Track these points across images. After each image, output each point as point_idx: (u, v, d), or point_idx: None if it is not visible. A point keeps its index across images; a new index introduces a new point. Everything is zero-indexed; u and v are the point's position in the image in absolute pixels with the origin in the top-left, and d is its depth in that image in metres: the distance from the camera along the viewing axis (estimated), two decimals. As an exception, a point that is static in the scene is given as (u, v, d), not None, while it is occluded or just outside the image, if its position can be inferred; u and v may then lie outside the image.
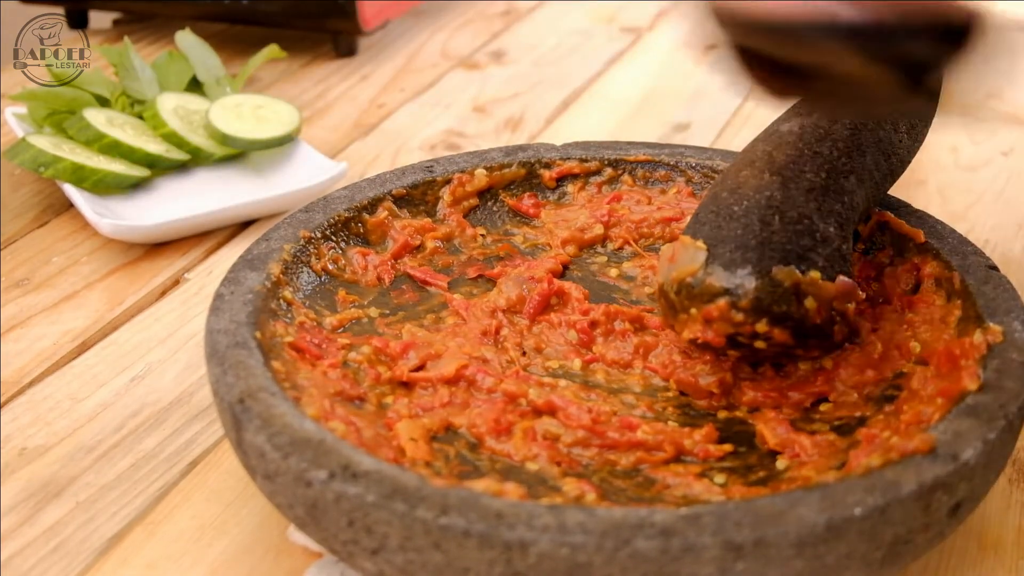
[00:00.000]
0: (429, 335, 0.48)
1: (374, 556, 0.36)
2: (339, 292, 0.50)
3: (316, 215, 0.52)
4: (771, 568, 0.33)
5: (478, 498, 0.34)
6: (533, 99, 0.85)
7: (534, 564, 0.33)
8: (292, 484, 0.37)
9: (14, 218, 0.68)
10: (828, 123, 0.49)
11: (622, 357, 0.47)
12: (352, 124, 0.82)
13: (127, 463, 0.47)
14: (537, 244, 0.55)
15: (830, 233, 0.45)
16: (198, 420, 0.50)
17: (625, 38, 0.98)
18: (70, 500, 0.45)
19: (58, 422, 0.50)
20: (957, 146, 0.76)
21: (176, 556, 0.42)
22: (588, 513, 0.34)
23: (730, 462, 0.41)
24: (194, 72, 0.77)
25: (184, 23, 0.90)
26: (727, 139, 0.77)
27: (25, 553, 0.43)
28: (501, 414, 0.43)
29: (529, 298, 0.50)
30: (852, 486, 0.35)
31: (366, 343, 0.47)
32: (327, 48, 0.95)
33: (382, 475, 0.35)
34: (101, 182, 0.66)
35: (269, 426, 0.38)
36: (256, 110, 0.73)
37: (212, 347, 0.42)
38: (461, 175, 0.56)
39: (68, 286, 0.61)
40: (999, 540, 0.43)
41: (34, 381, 0.53)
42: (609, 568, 0.33)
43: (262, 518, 0.44)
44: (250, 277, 0.46)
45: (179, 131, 0.70)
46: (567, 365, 0.47)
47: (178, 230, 0.64)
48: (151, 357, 0.55)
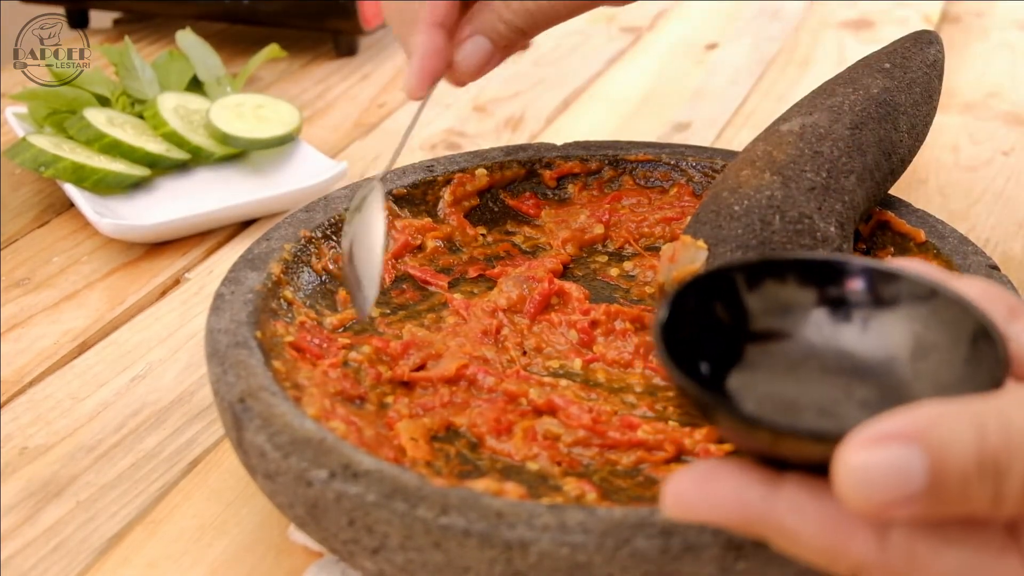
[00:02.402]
0: (429, 335, 0.48)
1: (374, 555, 0.36)
2: (340, 291, 0.50)
3: (316, 214, 0.52)
4: (771, 567, 0.33)
5: (478, 498, 0.34)
6: (533, 98, 0.85)
7: (535, 563, 0.33)
8: (293, 483, 0.37)
9: (14, 218, 0.68)
10: (828, 123, 0.49)
11: (623, 357, 0.47)
12: (352, 124, 0.82)
13: (128, 462, 0.47)
14: (537, 244, 0.55)
15: (831, 232, 0.45)
16: (199, 420, 0.50)
17: (625, 38, 0.98)
18: (70, 499, 0.45)
19: (58, 421, 0.50)
20: (958, 145, 0.76)
21: (177, 555, 0.42)
22: (588, 512, 0.34)
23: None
24: (194, 72, 0.77)
25: (185, 23, 0.90)
26: (727, 139, 0.77)
27: (25, 552, 0.43)
28: (502, 414, 0.43)
29: (530, 298, 0.50)
30: (853, 485, 0.35)
31: (366, 343, 0.47)
32: (327, 48, 0.95)
33: (382, 475, 0.35)
34: (101, 182, 0.66)
35: (269, 425, 0.38)
36: (256, 110, 0.73)
37: (213, 347, 0.42)
38: (461, 175, 0.56)
39: (68, 285, 0.61)
40: (999, 539, 0.43)
41: (34, 380, 0.53)
42: (609, 567, 0.33)
43: (262, 517, 0.44)
44: (250, 277, 0.46)
45: (179, 131, 0.70)
46: (568, 365, 0.47)
47: (178, 230, 0.64)
48: (151, 357, 0.55)
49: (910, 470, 0.25)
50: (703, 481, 0.28)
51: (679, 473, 0.29)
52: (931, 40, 0.55)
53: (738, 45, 0.95)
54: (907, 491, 0.25)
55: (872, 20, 1.00)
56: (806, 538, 0.27)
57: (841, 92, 0.51)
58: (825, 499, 0.27)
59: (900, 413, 0.26)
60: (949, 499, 0.25)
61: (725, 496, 0.28)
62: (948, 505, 0.26)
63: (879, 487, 0.25)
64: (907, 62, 0.53)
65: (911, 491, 0.25)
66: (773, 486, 0.28)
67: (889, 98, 0.51)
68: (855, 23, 0.99)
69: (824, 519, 0.27)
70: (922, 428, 0.25)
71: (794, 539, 0.28)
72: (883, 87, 0.51)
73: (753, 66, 0.90)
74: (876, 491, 0.25)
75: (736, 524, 0.28)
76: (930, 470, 0.25)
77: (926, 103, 0.53)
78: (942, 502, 0.25)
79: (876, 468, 0.25)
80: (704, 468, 0.29)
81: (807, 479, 0.28)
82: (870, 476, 0.25)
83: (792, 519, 0.27)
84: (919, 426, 0.25)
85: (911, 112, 0.52)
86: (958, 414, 0.25)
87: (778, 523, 0.28)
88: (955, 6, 1.03)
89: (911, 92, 0.52)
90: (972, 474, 0.25)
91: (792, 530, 0.28)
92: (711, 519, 0.28)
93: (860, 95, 0.51)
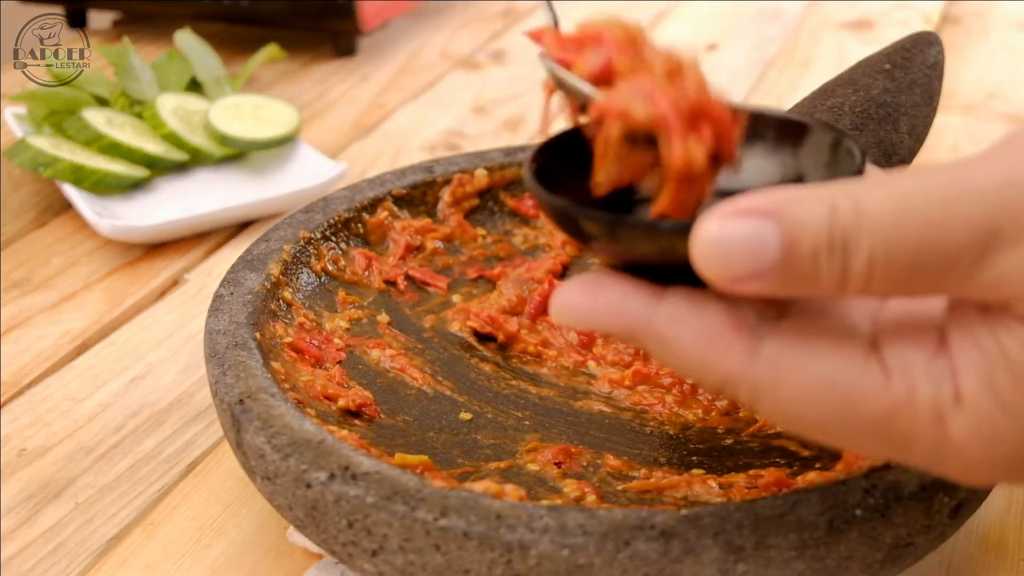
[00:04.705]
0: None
1: (374, 557, 0.35)
2: (339, 293, 0.50)
3: (316, 215, 0.52)
4: (772, 570, 0.33)
5: (478, 499, 0.34)
6: (533, 99, 0.85)
7: (534, 566, 0.33)
8: (292, 485, 0.37)
9: (14, 218, 0.68)
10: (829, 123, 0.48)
11: (622, 359, 0.47)
12: (352, 124, 0.82)
13: (126, 464, 0.47)
14: (537, 245, 0.55)
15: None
16: (197, 421, 0.50)
17: (625, 38, 0.98)
18: (69, 501, 0.45)
19: (57, 423, 0.50)
20: (958, 147, 0.76)
21: (175, 557, 0.42)
22: (588, 514, 0.34)
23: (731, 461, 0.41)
24: (194, 72, 0.77)
25: (184, 23, 0.90)
26: (727, 139, 0.77)
27: (24, 554, 0.43)
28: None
29: (529, 299, 0.50)
30: (853, 487, 0.34)
31: (366, 344, 0.47)
32: (327, 48, 0.95)
33: (382, 476, 0.35)
34: (100, 182, 0.66)
35: (269, 427, 0.38)
36: (256, 110, 0.73)
37: (212, 348, 0.42)
38: (461, 175, 0.56)
39: (67, 286, 0.61)
40: (1000, 541, 0.43)
41: (33, 382, 0.53)
42: (609, 570, 0.33)
43: (261, 519, 0.44)
44: (249, 278, 0.46)
45: (179, 131, 0.70)
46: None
47: (177, 230, 0.64)
48: (150, 358, 0.55)
49: (765, 243, 0.26)
50: (590, 290, 0.29)
51: (566, 283, 0.30)
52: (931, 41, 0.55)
53: (738, 46, 0.95)
54: (761, 263, 0.26)
55: (872, 21, 1.00)
56: (681, 348, 0.28)
57: (841, 93, 0.51)
58: (703, 312, 0.28)
59: (758, 193, 0.27)
60: (800, 274, 0.26)
61: (610, 304, 0.29)
62: (798, 281, 0.26)
63: (734, 258, 0.26)
64: (907, 63, 0.53)
65: (765, 264, 0.26)
66: (656, 297, 0.29)
67: (889, 99, 0.51)
68: (855, 24, 0.99)
69: (700, 330, 0.28)
70: (778, 205, 0.26)
71: (670, 348, 0.28)
72: (883, 88, 0.51)
73: (753, 67, 0.90)
74: (731, 262, 0.26)
75: (618, 331, 0.29)
76: (783, 244, 0.26)
77: (927, 104, 0.53)
78: (793, 277, 0.26)
79: (732, 239, 0.26)
80: (591, 278, 0.29)
81: (689, 292, 0.28)
82: (726, 247, 0.26)
83: (670, 328, 0.28)
84: (775, 203, 0.26)
85: (911, 113, 0.52)
86: (812, 194, 0.26)
87: (657, 332, 0.28)
88: (955, 7, 1.03)
89: (911, 93, 0.52)
90: (823, 249, 0.26)
91: (669, 339, 0.28)
92: (596, 326, 0.29)
93: (860, 96, 0.51)
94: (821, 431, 0.28)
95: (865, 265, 0.26)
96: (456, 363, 0.47)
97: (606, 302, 0.29)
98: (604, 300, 0.29)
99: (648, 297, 0.29)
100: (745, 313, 0.28)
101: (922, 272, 0.26)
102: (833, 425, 0.28)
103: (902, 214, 0.25)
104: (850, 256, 0.26)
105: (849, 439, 0.28)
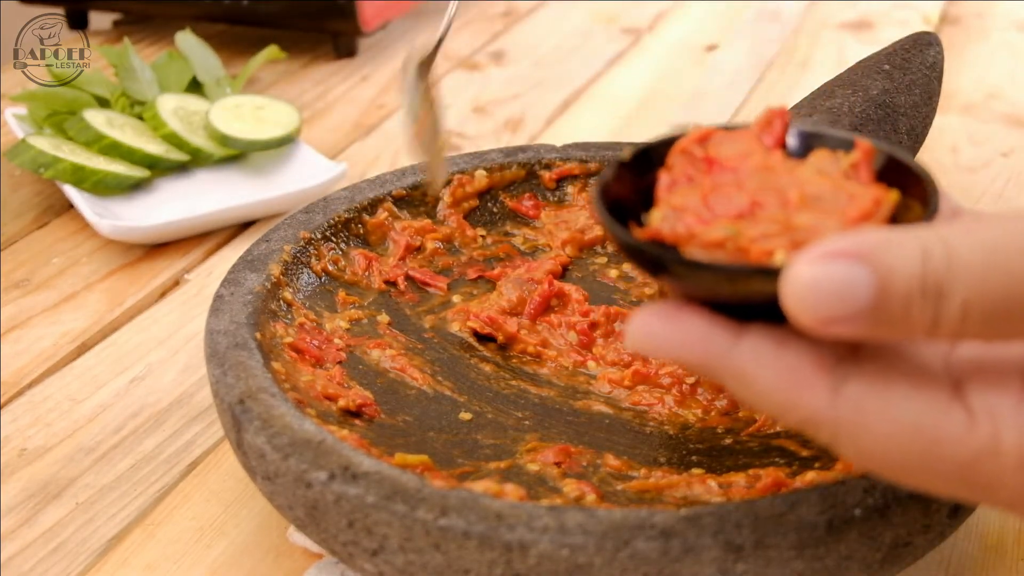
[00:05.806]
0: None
1: (374, 557, 0.36)
2: (339, 293, 0.50)
3: (316, 216, 0.52)
4: (771, 569, 0.33)
5: (478, 499, 0.34)
6: (533, 100, 0.85)
7: (534, 565, 0.33)
8: (292, 485, 0.37)
9: (14, 219, 0.68)
10: (828, 125, 0.49)
11: (622, 358, 0.47)
12: (352, 125, 0.82)
13: (127, 464, 0.47)
14: (537, 245, 0.55)
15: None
16: (198, 421, 0.50)
17: (625, 39, 0.98)
18: (70, 501, 0.45)
19: (58, 423, 0.50)
20: (957, 147, 0.76)
21: (176, 557, 0.42)
22: (588, 514, 0.34)
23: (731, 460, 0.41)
24: (194, 73, 0.77)
25: (184, 24, 0.90)
26: (727, 140, 0.77)
27: (25, 554, 0.43)
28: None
29: (529, 299, 0.50)
30: (852, 487, 0.35)
31: (366, 344, 0.47)
32: (327, 49, 0.95)
33: (382, 476, 0.35)
34: (101, 183, 0.66)
35: (269, 427, 0.38)
36: (256, 111, 0.73)
37: (212, 348, 0.42)
38: (461, 176, 0.56)
39: (68, 287, 0.61)
40: (1000, 541, 0.43)
41: (34, 382, 0.53)
42: (609, 569, 0.33)
43: (262, 519, 0.44)
44: (250, 278, 0.46)
45: (179, 132, 0.70)
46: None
47: (178, 231, 0.64)
48: (151, 358, 0.55)
49: (857, 286, 0.26)
50: (673, 321, 0.29)
51: (644, 310, 0.29)
52: (931, 41, 0.55)
53: (738, 46, 0.95)
54: (852, 307, 0.26)
55: (872, 21, 1.00)
56: (762, 385, 0.28)
57: (840, 94, 0.51)
58: (785, 349, 0.28)
59: (849, 235, 0.26)
60: (891, 319, 0.26)
61: (692, 337, 0.29)
62: (890, 325, 0.26)
63: (825, 300, 0.26)
64: (907, 64, 0.53)
65: (856, 307, 0.26)
66: (738, 333, 0.28)
67: (889, 100, 0.51)
68: (855, 24, 0.99)
69: (782, 368, 0.28)
70: (870, 248, 0.26)
71: (751, 385, 0.28)
72: (882, 89, 0.51)
73: (753, 67, 0.90)
74: (822, 304, 0.26)
75: (698, 364, 0.29)
76: (876, 287, 0.26)
77: (925, 105, 0.53)
78: (884, 321, 0.26)
79: (824, 282, 0.26)
80: (671, 309, 0.29)
81: (769, 329, 0.28)
82: (817, 289, 0.26)
83: (752, 365, 0.28)
84: (868, 246, 0.26)
85: (911, 114, 0.52)
86: (904, 238, 0.26)
87: (739, 368, 0.28)
88: (955, 7, 1.03)
89: (911, 94, 0.52)
90: (915, 295, 0.26)
91: (750, 376, 0.28)
92: (676, 357, 0.29)
93: (859, 97, 0.51)
94: (904, 473, 0.28)
95: (958, 311, 0.26)
96: (456, 363, 0.47)
97: (688, 334, 0.28)
98: (685, 332, 0.29)
99: (730, 333, 0.28)
100: (825, 353, 0.28)
101: (1012, 319, 0.26)
102: (916, 468, 0.27)
103: (994, 263, 0.25)
104: (943, 302, 0.26)
105: (932, 482, 0.28)
